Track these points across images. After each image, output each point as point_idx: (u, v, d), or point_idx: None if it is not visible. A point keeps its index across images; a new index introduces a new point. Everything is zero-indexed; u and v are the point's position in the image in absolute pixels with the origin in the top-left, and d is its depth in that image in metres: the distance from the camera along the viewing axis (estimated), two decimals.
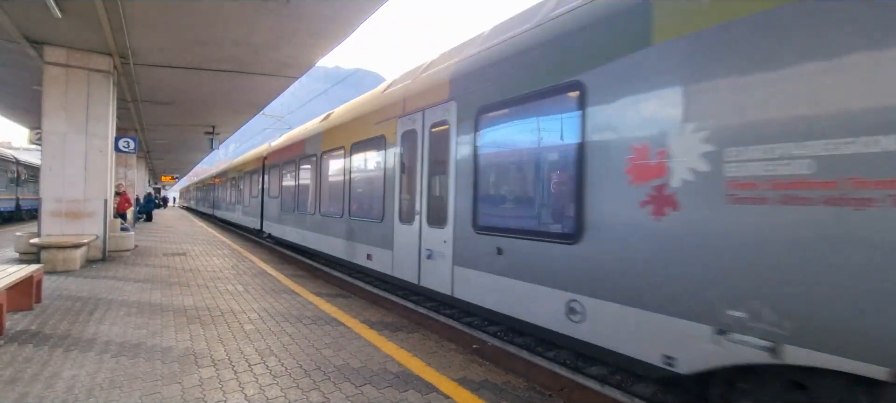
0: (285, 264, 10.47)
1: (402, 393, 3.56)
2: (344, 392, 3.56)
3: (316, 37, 8.73)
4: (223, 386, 3.59)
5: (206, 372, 3.85)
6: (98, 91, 9.66)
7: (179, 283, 7.68)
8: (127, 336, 4.77)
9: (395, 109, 6.97)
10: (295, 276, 8.73)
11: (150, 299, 6.46)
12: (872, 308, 2.39)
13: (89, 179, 9.60)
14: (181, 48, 9.35)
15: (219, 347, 4.50)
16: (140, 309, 5.91)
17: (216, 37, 8.69)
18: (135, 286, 7.35)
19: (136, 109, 14.64)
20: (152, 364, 4.02)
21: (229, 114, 16.09)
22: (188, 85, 12.06)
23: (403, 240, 6.53)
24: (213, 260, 10.53)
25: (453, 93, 5.62)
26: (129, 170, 20.28)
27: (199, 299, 6.54)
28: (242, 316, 5.69)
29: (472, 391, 3.66)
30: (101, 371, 3.82)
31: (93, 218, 9.71)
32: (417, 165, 6.27)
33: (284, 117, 29.25)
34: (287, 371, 3.95)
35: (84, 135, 9.52)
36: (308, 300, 6.66)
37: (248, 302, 6.45)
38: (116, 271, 8.78)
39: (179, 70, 10.70)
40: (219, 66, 10.49)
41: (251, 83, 11.80)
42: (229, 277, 8.38)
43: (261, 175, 16.01)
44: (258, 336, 4.89)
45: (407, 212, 6.53)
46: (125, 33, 8.45)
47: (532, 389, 3.75)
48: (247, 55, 9.69)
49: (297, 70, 10.78)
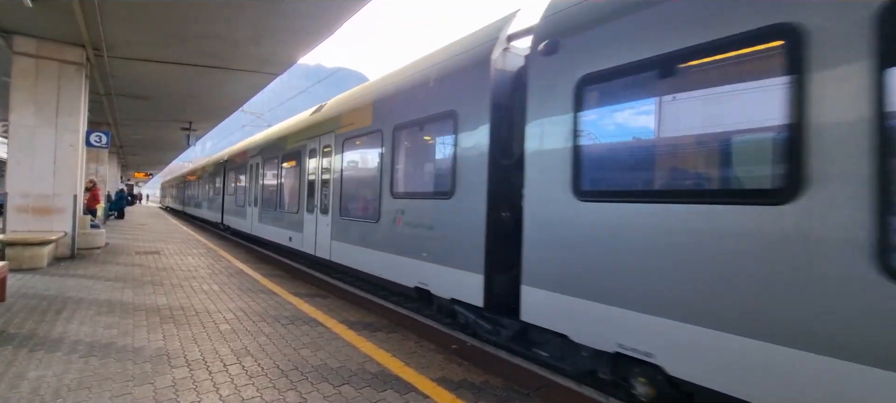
0: (263, 263, 10.31)
1: (380, 393, 3.56)
2: (321, 392, 3.54)
3: (297, 34, 8.65)
4: (197, 387, 3.53)
5: (179, 373, 3.78)
6: (69, 84, 9.35)
7: (152, 282, 7.49)
8: (97, 335, 4.64)
9: (306, 133, 9.86)
10: (273, 276, 8.60)
11: (122, 298, 6.29)
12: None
13: (58, 174, 9.27)
14: (158, 42, 9.14)
15: (193, 347, 4.41)
16: (111, 308, 5.74)
17: (194, 31, 8.52)
18: (105, 284, 7.14)
19: (110, 103, 14.22)
20: (123, 364, 3.92)
21: (207, 111, 15.77)
22: (165, 79, 11.77)
23: (320, 229, 8.84)
24: (187, 259, 10.30)
25: (330, 127, 8.56)
26: (101, 165, 19.70)
27: (173, 298, 6.40)
28: (218, 315, 5.59)
29: (451, 390, 3.69)
30: (69, 372, 3.70)
31: (62, 215, 9.38)
32: (317, 173, 9.08)
33: (264, 115, 28.81)
34: (263, 371, 3.90)
35: (54, 128, 9.20)
36: (286, 299, 6.58)
37: (224, 301, 6.34)
38: (86, 269, 8.51)
39: (156, 64, 10.44)
40: (197, 61, 10.28)
41: (230, 79, 11.61)
42: (205, 276, 8.21)
43: (223, 176, 18.20)
44: (234, 336, 4.81)
45: (310, 206, 9.32)
46: (99, 25, 8.20)
47: (510, 388, 3.80)
48: (226, 51, 9.53)
49: (277, 67, 10.66)
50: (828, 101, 2.52)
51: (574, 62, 3.88)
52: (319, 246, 8.61)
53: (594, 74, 3.70)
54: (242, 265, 9.83)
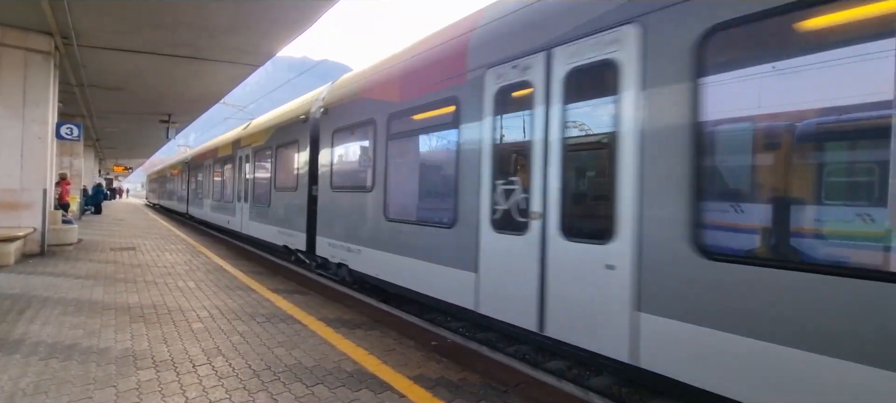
0: (243, 260, 10.08)
1: (354, 393, 3.46)
2: (294, 392, 3.42)
3: (276, 24, 8.43)
4: (162, 389, 3.38)
5: (144, 375, 3.62)
6: (37, 73, 8.98)
7: (125, 280, 7.25)
8: (60, 336, 4.44)
9: (236, 144, 13.65)
10: (252, 273, 8.41)
11: (91, 296, 6.06)
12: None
13: (26, 168, 8.93)
14: (131, 30, 8.81)
15: (162, 347, 4.25)
16: (78, 307, 5.53)
17: (169, 19, 8.23)
18: (75, 282, 6.89)
19: (83, 94, 13.74)
20: (86, 366, 3.75)
21: (186, 103, 15.37)
22: (140, 70, 11.40)
23: (239, 213, 12.93)
24: (165, 256, 10.03)
25: (249, 142, 12.47)
26: (76, 158, 19.12)
27: (146, 296, 6.19)
28: (191, 313, 5.41)
29: (427, 388, 3.60)
30: (26, 375, 3.52)
31: (30, 210, 9.05)
32: (244, 174, 12.65)
33: (248, 107, 28.21)
34: (234, 371, 3.76)
35: (20, 120, 8.84)
36: (264, 296, 6.42)
37: (199, 299, 6.15)
38: (55, 267, 8.22)
39: (130, 54, 10.09)
40: (173, 52, 9.97)
41: (209, 70, 11.30)
42: (181, 273, 7.99)
43: (187, 173, 22.05)
44: (206, 334, 4.66)
45: (238, 197, 13.13)
46: (67, 12, 7.86)
47: (488, 386, 3.72)
48: (203, 40, 9.25)
49: (257, 58, 10.40)
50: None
51: (332, 120, 7.53)
52: (251, 229, 11.99)
53: (340, 128, 7.27)
54: (222, 261, 9.60)
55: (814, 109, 2.62)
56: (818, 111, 2.60)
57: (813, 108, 2.62)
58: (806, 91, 2.60)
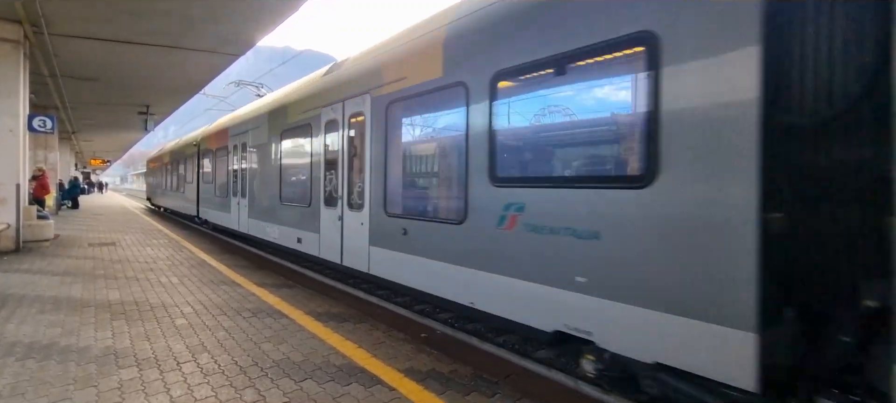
0: (227, 254, 9.91)
1: (344, 387, 3.42)
2: (282, 388, 3.37)
3: (258, 12, 8.22)
4: (145, 388, 3.30)
5: (127, 374, 3.53)
6: (5, 63, 8.65)
7: (105, 276, 7.07)
8: (37, 335, 4.30)
9: (204, 142, 14.52)
10: (237, 267, 8.27)
11: (69, 294, 5.89)
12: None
13: None
14: (104, 17, 8.49)
15: (144, 345, 4.15)
16: (56, 304, 5.37)
17: (144, 6, 7.95)
18: (52, 279, 6.69)
19: (56, 85, 13.25)
20: (65, 366, 3.64)
21: (165, 94, 14.98)
22: (116, 59, 11.02)
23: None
24: (146, 251, 9.80)
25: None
26: (51, 152, 18.54)
27: (127, 293, 6.04)
28: (174, 309, 5.30)
29: (418, 381, 3.58)
30: (3, 377, 3.40)
31: (4, 206, 8.76)
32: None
33: (229, 98, 27.60)
34: (220, 368, 3.69)
35: None
36: (250, 291, 6.32)
37: (183, 294, 6.03)
38: (31, 263, 7.97)
39: (104, 42, 9.74)
40: (150, 41, 9.66)
41: (188, 60, 10.99)
42: (163, 268, 7.82)
43: (163, 168, 22.47)
44: (190, 331, 4.56)
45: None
46: None
47: (479, 377, 3.72)
48: (181, 29, 8.97)
49: (237, 47, 10.14)
50: None
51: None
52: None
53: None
54: (206, 256, 9.42)
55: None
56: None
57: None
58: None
